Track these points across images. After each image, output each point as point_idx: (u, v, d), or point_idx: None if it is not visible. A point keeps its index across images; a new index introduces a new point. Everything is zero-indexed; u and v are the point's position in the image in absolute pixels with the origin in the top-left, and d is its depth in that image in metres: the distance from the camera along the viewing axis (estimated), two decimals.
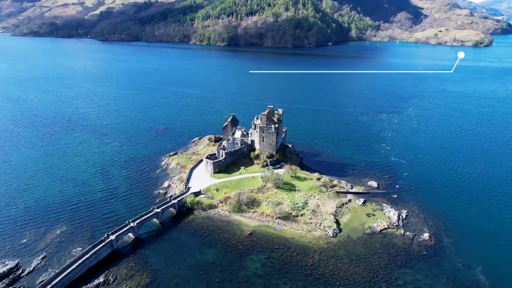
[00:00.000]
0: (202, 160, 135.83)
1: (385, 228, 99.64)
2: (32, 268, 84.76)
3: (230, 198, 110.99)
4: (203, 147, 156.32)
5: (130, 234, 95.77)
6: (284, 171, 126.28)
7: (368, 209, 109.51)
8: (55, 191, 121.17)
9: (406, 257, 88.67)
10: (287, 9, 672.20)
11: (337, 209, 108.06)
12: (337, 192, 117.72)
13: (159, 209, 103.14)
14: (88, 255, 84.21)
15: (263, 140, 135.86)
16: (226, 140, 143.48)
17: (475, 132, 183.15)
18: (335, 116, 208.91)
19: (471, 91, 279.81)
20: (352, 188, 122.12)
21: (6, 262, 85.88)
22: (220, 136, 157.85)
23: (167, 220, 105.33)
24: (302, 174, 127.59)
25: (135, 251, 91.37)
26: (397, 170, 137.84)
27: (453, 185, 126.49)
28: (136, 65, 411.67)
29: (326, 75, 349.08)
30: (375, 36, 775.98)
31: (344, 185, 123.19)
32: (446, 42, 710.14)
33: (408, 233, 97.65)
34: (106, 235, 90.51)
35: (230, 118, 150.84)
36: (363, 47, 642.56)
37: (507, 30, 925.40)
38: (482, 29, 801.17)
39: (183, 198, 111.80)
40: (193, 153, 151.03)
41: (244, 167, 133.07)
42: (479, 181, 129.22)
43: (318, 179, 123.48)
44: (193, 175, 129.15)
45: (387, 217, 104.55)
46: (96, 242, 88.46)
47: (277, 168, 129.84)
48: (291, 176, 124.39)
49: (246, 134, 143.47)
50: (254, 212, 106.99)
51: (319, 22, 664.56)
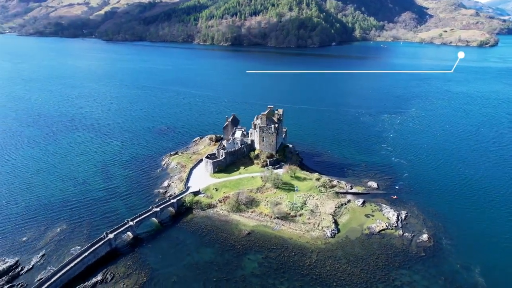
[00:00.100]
0: (202, 160, 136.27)
1: (384, 229, 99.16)
2: (32, 266, 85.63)
3: (229, 198, 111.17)
4: (204, 147, 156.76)
5: (129, 233, 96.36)
6: (284, 171, 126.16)
7: (367, 210, 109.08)
8: (56, 190, 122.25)
9: (404, 258, 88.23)
10: (291, 9, 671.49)
11: (336, 210, 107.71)
12: (337, 193, 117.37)
13: (158, 208, 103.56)
14: (87, 254, 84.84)
15: (263, 140, 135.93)
16: (226, 140, 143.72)
17: (478, 133, 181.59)
18: (338, 116, 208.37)
19: (475, 92, 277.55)
20: (352, 189, 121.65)
21: (6, 260, 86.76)
22: (221, 136, 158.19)
23: (166, 219, 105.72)
24: (302, 174, 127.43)
25: (133, 250, 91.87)
26: (398, 171, 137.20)
27: (454, 187, 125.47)
28: (140, 65, 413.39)
29: (329, 75, 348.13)
30: (379, 36, 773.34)
31: (344, 186, 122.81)
32: (451, 42, 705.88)
33: (407, 234, 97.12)
34: (105, 234, 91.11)
35: (231, 118, 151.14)
36: (367, 47, 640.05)
37: None
38: (488, 29, 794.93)
39: (182, 198, 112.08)
40: (194, 153, 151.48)
41: (244, 167, 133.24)
42: (481, 183, 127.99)
43: (318, 179, 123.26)
44: (193, 175, 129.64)
45: (386, 218, 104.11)
46: (95, 241, 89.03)
47: (277, 168, 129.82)
48: (291, 176, 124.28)
49: (247, 134, 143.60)
50: (253, 212, 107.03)
51: (323, 22, 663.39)
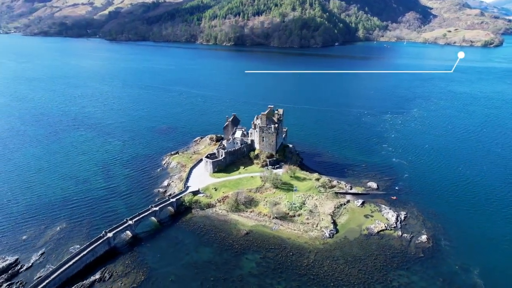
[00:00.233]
0: (202, 160, 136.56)
1: (383, 230, 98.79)
2: (31, 264, 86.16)
3: (228, 198, 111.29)
4: (204, 147, 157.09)
5: (128, 232, 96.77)
6: (283, 171, 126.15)
7: (366, 210, 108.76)
8: (57, 189, 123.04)
9: (403, 259, 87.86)
10: (294, 9, 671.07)
11: (335, 210, 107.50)
12: (336, 193, 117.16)
13: (157, 208, 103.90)
14: (85, 252, 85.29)
15: (263, 140, 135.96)
16: (226, 140, 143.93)
17: (481, 134, 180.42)
18: (339, 117, 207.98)
19: (478, 92, 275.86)
20: (351, 189, 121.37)
21: (6, 258, 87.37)
22: (222, 136, 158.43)
23: (165, 219, 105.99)
24: (301, 174, 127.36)
25: (132, 249, 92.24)
26: (398, 172, 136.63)
27: (455, 188, 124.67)
28: (143, 65, 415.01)
29: (332, 76, 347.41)
30: (383, 37, 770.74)
31: (343, 186, 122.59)
32: (455, 43, 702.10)
33: (406, 235, 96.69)
34: (104, 233, 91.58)
35: (231, 118, 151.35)
36: (370, 48, 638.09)
37: None
38: (493, 29, 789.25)
39: (182, 197, 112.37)
40: (194, 153, 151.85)
41: (244, 167, 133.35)
42: (482, 184, 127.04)
43: (317, 180, 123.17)
44: (193, 174, 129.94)
45: (385, 219, 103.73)
46: (94, 240, 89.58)
47: (277, 168, 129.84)
48: (290, 176, 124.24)
49: (247, 134, 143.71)
50: (252, 212, 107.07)
51: (326, 22, 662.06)
